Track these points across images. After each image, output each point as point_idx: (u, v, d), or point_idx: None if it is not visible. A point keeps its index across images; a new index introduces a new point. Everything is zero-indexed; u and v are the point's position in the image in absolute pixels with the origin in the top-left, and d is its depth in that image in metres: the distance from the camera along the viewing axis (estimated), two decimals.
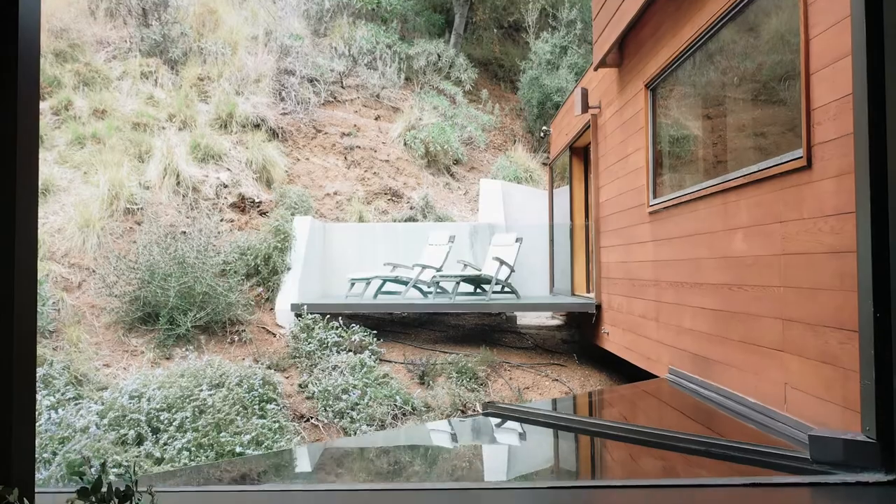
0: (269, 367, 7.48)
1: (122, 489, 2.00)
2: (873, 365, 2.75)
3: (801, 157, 3.61)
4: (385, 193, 12.09)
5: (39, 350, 6.76)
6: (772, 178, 3.98)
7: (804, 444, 3.25)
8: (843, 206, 3.28)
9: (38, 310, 6.66)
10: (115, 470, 5.42)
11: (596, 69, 7.82)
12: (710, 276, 4.90)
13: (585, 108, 8.42)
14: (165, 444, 6.09)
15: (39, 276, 7.64)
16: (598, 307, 8.42)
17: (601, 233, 8.29)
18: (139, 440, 6.05)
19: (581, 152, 10.41)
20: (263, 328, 8.45)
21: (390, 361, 8.38)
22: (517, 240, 9.93)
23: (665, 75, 5.99)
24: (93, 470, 1.95)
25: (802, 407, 3.68)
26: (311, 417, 7.27)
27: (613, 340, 7.86)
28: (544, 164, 14.41)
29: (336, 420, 7.23)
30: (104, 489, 1.98)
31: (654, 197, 6.26)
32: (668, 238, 5.85)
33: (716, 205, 4.83)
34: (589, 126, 8.76)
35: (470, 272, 9.46)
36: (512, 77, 17.82)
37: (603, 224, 8.20)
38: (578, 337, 9.88)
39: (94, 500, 1.97)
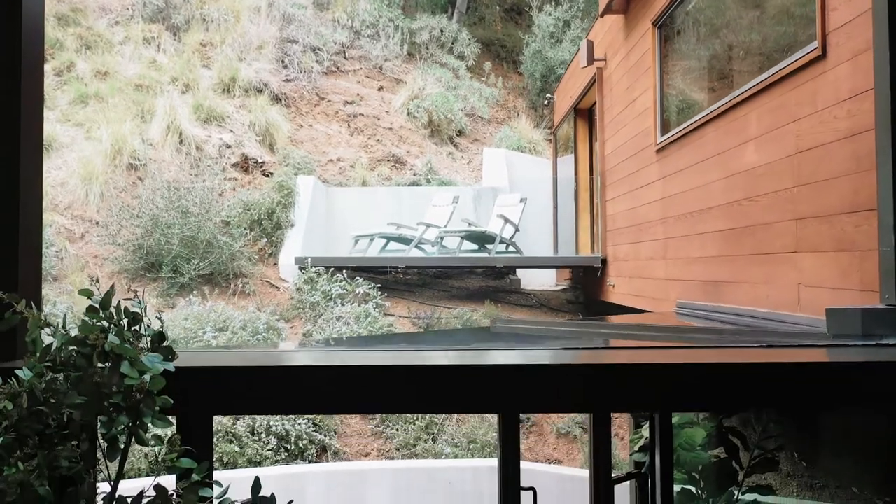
0: (272, 316, 7.44)
1: (131, 310, 1.96)
2: (893, 230, 2.71)
3: (816, 48, 3.57)
4: (388, 160, 12.04)
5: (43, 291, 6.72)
6: (784, 79, 3.93)
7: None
8: (860, 86, 3.23)
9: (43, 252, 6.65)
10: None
11: (602, 15, 7.77)
12: (721, 198, 4.85)
13: (591, 60, 8.36)
14: None
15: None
16: (604, 261, 8.37)
17: (607, 186, 8.25)
18: None
19: (586, 114, 10.36)
20: (267, 282, 8.40)
21: (395, 315, 8.33)
22: (521, 200, 9.88)
23: (672, 9, 5.94)
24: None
25: (816, 303, 3.63)
26: None
27: (619, 291, 7.81)
28: (547, 140, 14.37)
29: None
30: (112, 308, 1.93)
31: (662, 134, 6.21)
32: (676, 171, 5.80)
33: (725, 124, 4.78)
34: (594, 81, 8.70)
35: (474, 230, 9.41)
36: (514, 57, 17.74)
37: (609, 176, 8.15)
38: (583, 298, 9.83)
39: (102, 317, 1.93)
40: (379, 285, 8.48)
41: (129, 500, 2.00)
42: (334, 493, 5.75)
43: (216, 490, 2.06)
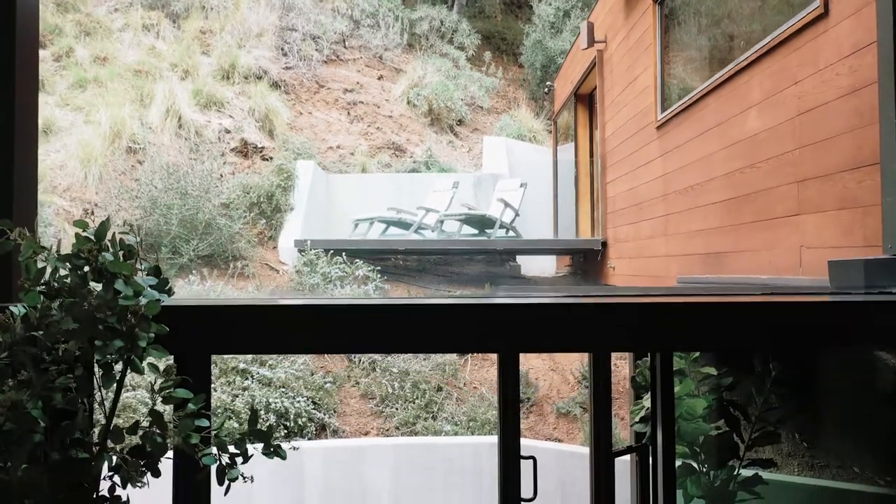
0: (272, 296, 7.42)
1: (126, 242, 1.93)
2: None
3: (818, 6, 3.54)
4: (388, 148, 12.02)
5: None
6: (785, 42, 3.91)
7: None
8: (862, 40, 3.21)
9: (40, 231, 6.63)
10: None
11: None
12: (722, 168, 4.83)
13: (591, 42, 8.34)
14: None
15: (39, 203, 7.59)
16: (604, 244, 8.34)
17: (607, 168, 8.22)
18: None
19: (586, 100, 10.33)
20: (266, 264, 8.38)
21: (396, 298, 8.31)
22: (522, 185, 9.86)
23: None
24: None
25: (818, 264, 3.61)
26: None
27: (620, 272, 7.79)
28: (548, 131, 14.34)
29: None
30: (108, 239, 1.91)
31: (662, 111, 6.19)
32: (676, 146, 5.78)
33: (726, 93, 4.76)
34: (595, 65, 8.68)
35: (474, 213, 9.39)
36: (514, 50, 17.71)
37: (609, 159, 8.12)
38: (584, 282, 9.80)
39: (98, 245, 1.90)
40: (378, 268, 8.46)
41: (124, 430, 1.98)
42: (333, 468, 5.73)
43: (215, 422, 2.04)
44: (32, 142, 2.21)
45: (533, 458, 4.80)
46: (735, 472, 4.05)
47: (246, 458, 2.05)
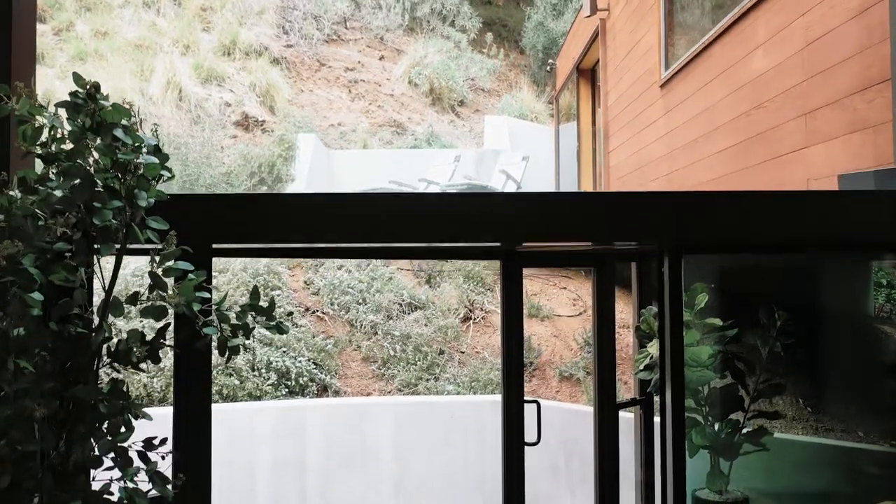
0: (272, 260, 7.37)
1: (125, 105, 1.89)
2: None
3: None
4: (389, 125, 11.97)
5: None
6: None
7: None
8: None
9: None
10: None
11: None
12: (727, 115, 4.79)
13: (594, 9, 8.29)
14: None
15: None
16: None
17: (610, 137, 8.18)
18: None
19: (588, 74, 10.29)
20: None
21: (396, 267, 8.26)
22: (524, 158, 9.81)
23: None
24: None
25: None
26: (317, 310, 7.17)
27: None
28: (550, 115, 14.28)
29: (342, 313, 7.13)
30: (100, 102, 1.86)
31: (666, 68, 6.14)
32: (680, 102, 5.73)
33: (731, 38, 4.71)
34: (597, 34, 8.63)
35: (475, 183, 9.35)
36: (516, 37, 17.66)
37: (611, 127, 8.08)
38: None
39: (96, 90, 1.85)
40: None
41: (123, 301, 1.94)
42: (334, 426, 5.69)
43: (215, 296, 2.00)
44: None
45: (536, 401, 4.74)
46: (741, 425, 4.01)
47: (247, 333, 2.01)
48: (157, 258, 1.82)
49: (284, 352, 6.20)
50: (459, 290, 7.75)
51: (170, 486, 1.80)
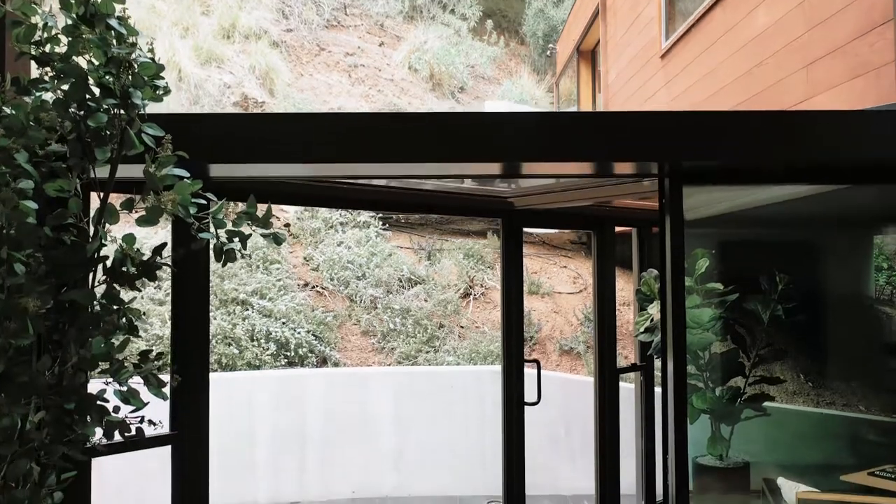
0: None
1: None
2: None
3: None
4: (390, 110, 11.94)
5: None
6: None
7: None
8: None
9: None
10: None
11: None
12: (728, 76, 4.76)
13: None
14: (168, 291, 5.98)
15: None
16: None
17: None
18: None
19: (588, 56, 10.27)
20: None
21: (396, 245, 8.25)
22: None
23: None
24: None
25: None
26: (317, 286, 7.15)
27: None
28: (550, 103, 14.26)
29: (342, 288, 7.11)
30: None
31: (667, 38, 6.12)
32: (682, 69, 5.71)
33: (733, 0, 4.69)
34: (598, 12, 8.61)
35: None
36: (516, 28, 17.63)
37: (612, 103, 8.05)
38: (586, 238, 9.73)
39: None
40: (380, 215, 8.39)
41: (119, 206, 1.92)
42: (334, 395, 5.67)
43: (213, 205, 1.98)
44: None
45: (536, 361, 4.71)
46: (742, 391, 3.99)
47: (244, 241, 1.99)
48: (154, 160, 1.80)
49: (284, 323, 6.18)
50: (459, 267, 7.74)
51: (166, 389, 1.78)
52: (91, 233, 1.90)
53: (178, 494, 2.70)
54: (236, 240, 1.90)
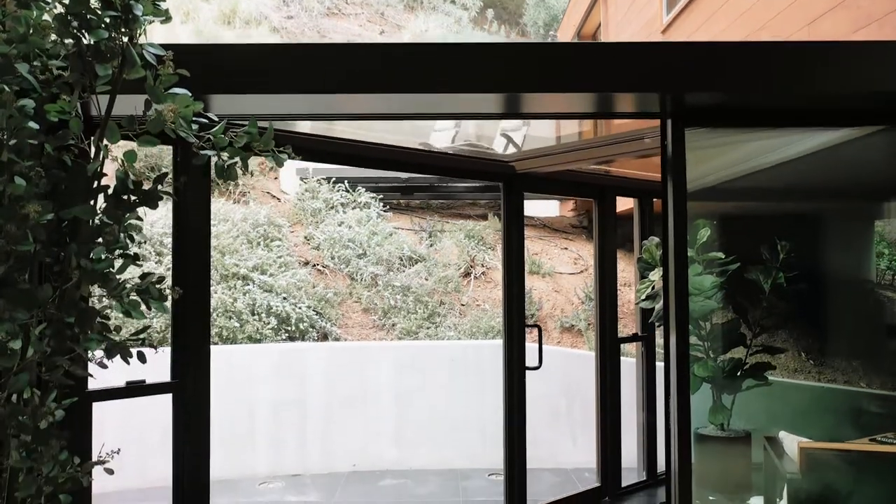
0: (273, 213, 7.35)
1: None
2: None
3: None
4: None
5: None
6: None
7: None
8: None
9: None
10: None
11: None
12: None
13: None
14: (168, 267, 5.98)
15: None
16: None
17: None
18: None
19: (590, 40, 10.25)
20: (268, 192, 8.31)
21: (397, 226, 8.24)
22: (525, 122, 9.76)
23: None
24: None
25: None
26: (318, 264, 7.15)
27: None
28: None
29: (342, 266, 7.10)
30: None
31: (668, 12, 6.11)
32: (685, 41, 5.70)
33: None
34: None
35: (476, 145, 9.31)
36: (517, 20, 17.64)
37: None
38: (587, 222, 9.72)
39: None
40: (381, 196, 8.39)
41: (119, 124, 1.92)
42: (335, 368, 5.67)
43: (214, 128, 1.97)
44: None
45: (538, 326, 4.69)
46: (743, 362, 3.98)
47: (245, 163, 1.98)
48: (155, 77, 1.80)
49: (285, 298, 6.18)
50: (460, 247, 7.73)
51: (168, 304, 1.78)
52: (92, 154, 1.90)
53: (179, 444, 2.70)
54: (238, 159, 1.89)
